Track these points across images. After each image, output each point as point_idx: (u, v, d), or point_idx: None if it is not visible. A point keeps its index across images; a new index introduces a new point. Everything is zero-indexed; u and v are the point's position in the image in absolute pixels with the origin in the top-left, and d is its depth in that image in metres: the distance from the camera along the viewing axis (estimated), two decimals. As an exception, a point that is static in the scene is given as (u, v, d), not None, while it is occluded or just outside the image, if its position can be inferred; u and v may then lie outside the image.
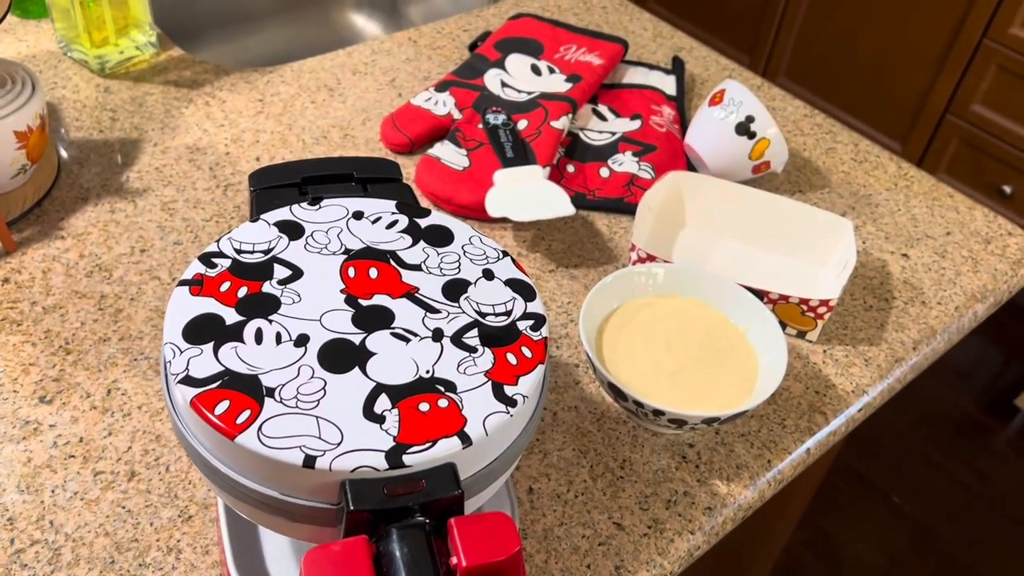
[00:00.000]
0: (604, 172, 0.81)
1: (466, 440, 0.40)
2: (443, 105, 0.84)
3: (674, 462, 0.61)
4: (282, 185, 0.53)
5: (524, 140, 0.80)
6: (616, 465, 0.60)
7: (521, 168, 0.76)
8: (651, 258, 0.69)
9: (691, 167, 0.84)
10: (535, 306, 0.47)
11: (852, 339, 0.71)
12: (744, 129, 0.78)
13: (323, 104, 0.87)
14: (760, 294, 0.67)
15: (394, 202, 0.51)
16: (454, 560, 0.37)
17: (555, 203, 0.72)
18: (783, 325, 0.70)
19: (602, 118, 0.87)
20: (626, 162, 0.82)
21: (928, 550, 1.69)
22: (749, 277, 0.73)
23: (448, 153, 0.79)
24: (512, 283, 0.48)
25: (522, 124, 0.82)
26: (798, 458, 0.63)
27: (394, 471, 0.38)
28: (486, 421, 0.40)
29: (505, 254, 0.49)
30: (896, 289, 0.76)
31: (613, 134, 0.85)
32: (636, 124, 0.86)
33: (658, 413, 0.56)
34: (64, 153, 0.78)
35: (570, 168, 0.82)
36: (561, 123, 0.82)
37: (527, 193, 0.74)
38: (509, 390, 0.42)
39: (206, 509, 0.55)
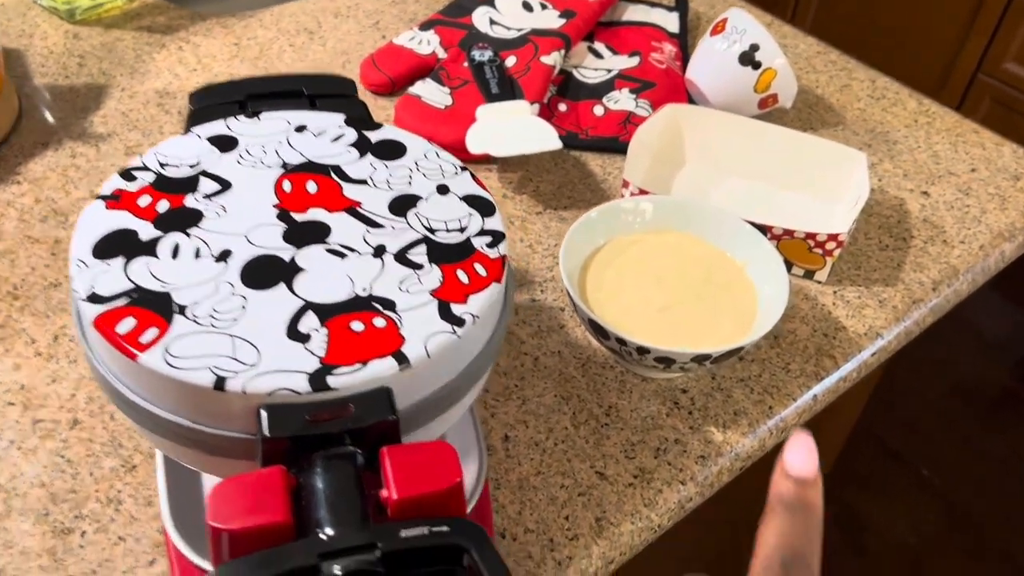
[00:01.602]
0: (598, 110, 0.76)
1: (403, 361, 0.35)
2: (427, 44, 0.79)
3: (665, 408, 0.55)
4: (225, 103, 0.48)
5: (511, 76, 0.75)
6: (601, 412, 0.55)
7: (506, 103, 0.71)
8: (644, 194, 0.63)
9: (693, 104, 0.78)
10: (493, 222, 0.42)
11: (865, 280, 0.65)
12: (748, 59, 0.73)
13: (302, 48, 0.83)
14: (763, 230, 0.61)
15: (343, 115, 0.46)
16: (384, 492, 0.33)
17: (541, 137, 0.67)
18: (789, 265, 0.64)
19: (598, 56, 0.82)
20: (622, 99, 0.76)
21: (961, 527, 1.61)
22: (754, 216, 0.68)
23: (430, 91, 0.74)
24: (469, 199, 0.43)
25: (510, 61, 0.77)
26: (803, 405, 0.57)
27: (318, 394, 0.34)
28: (428, 341, 0.36)
29: (464, 169, 0.44)
30: (915, 228, 0.70)
31: (609, 71, 0.79)
32: (634, 61, 0.80)
33: (643, 351, 0.51)
34: (26, 100, 0.74)
35: (562, 107, 0.76)
36: (552, 59, 0.76)
37: (511, 128, 0.69)
38: (457, 309, 0.37)
39: (151, 459, 0.51)
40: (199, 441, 0.35)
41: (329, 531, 0.31)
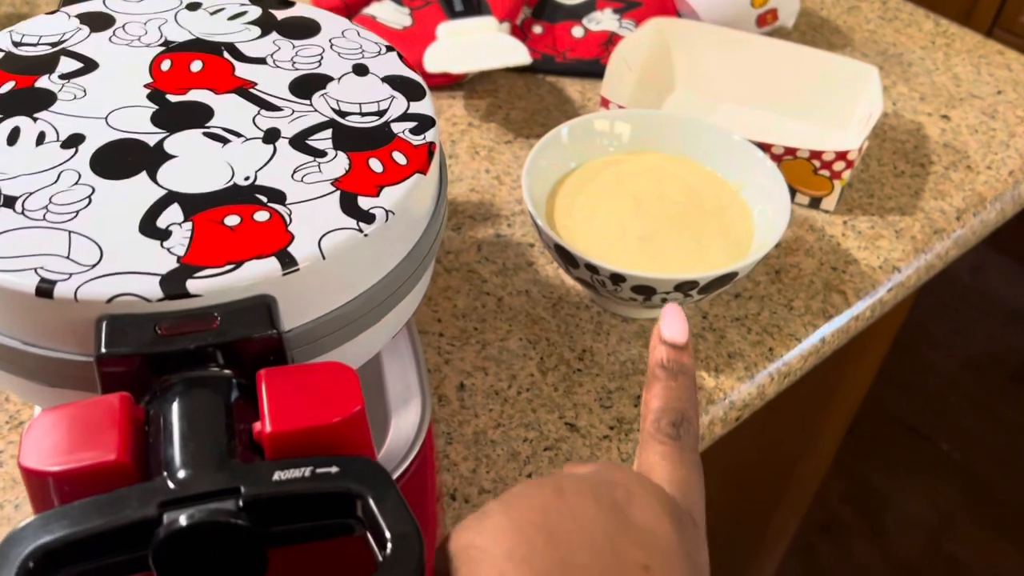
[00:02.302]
0: (577, 31, 0.68)
1: (289, 262, 0.27)
2: (387, -35, 0.71)
3: (647, 352, 0.47)
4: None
5: (478, -6, 0.67)
6: (573, 357, 0.47)
7: (471, 20, 0.63)
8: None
9: (684, 27, 0.70)
10: (421, 106, 0.34)
11: (879, 208, 0.57)
12: (744, -32, 0.64)
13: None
14: (762, 149, 0.53)
15: (247, -7, 0.38)
16: (258, 426, 0.25)
17: (506, 51, 0.59)
18: (792, 191, 0.56)
19: (578, -23, 0.73)
20: (604, 20, 0.68)
21: (982, 502, 1.53)
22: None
23: (386, 12, 0.66)
24: (393, 80, 0.35)
25: (479, -20, 0.69)
26: (809, 347, 0.49)
27: (173, 302, 0.26)
28: (324, 239, 0.28)
29: (391, 49, 0.36)
30: (934, 153, 0.62)
31: (590, -8, 0.71)
32: (618, -19, 0.72)
33: (618, 279, 0.43)
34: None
35: (536, 29, 0.68)
36: (525, -23, 0.68)
37: (475, 45, 0.61)
38: (366, 202, 0.29)
39: (40, 413, 0.43)
40: (30, 367, 0.28)
41: (180, 474, 0.24)
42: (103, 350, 0.25)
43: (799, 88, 0.62)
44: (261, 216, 0.28)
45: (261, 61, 0.34)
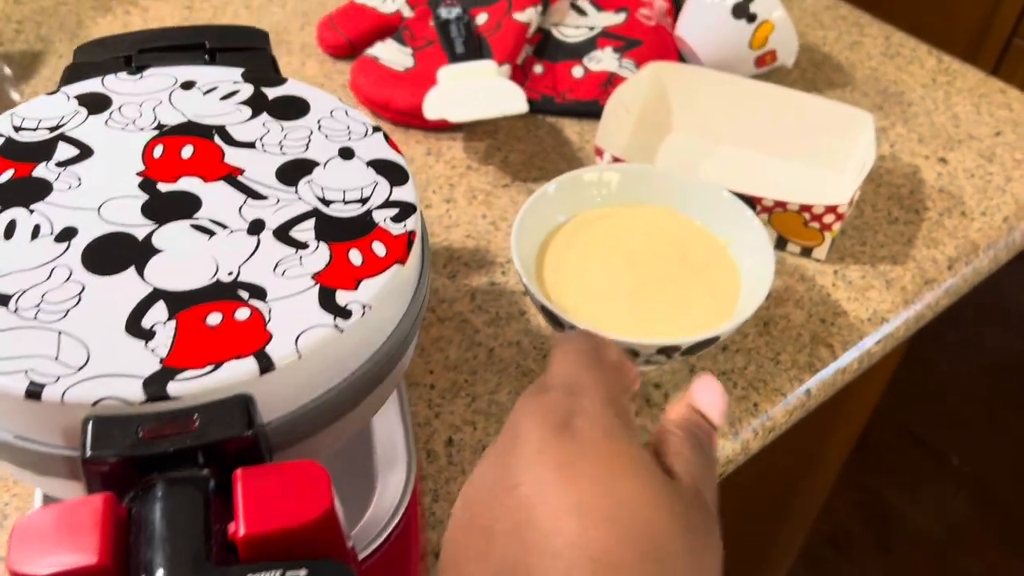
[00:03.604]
0: (577, 71, 0.69)
1: (266, 363, 0.28)
2: (391, 2, 0.72)
3: (634, 406, 0.49)
4: (112, 59, 0.42)
5: (480, 35, 0.68)
6: (561, 410, 0.48)
7: (471, 64, 0.64)
8: (618, 162, 0.56)
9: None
10: (404, 192, 0.35)
11: (871, 257, 0.57)
12: (743, 11, 0.65)
13: (258, 8, 0.76)
14: (751, 201, 0.54)
15: (241, 70, 0.40)
16: (232, 527, 0.26)
17: (505, 99, 0.60)
18: (783, 241, 0.57)
19: (581, 12, 0.74)
20: (604, 59, 0.69)
21: (992, 517, 1.53)
22: (750, 188, 0.60)
23: (389, 52, 0.67)
24: (377, 164, 0.36)
25: (481, 18, 0.69)
26: (795, 401, 0.50)
27: (155, 404, 0.27)
28: (301, 338, 0.29)
29: (377, 130, 0.38)
30: (929, 198, 0.62)
31: (592, 29, 0.72)
32: (620, 17, 0.73)
33: (602, 342, 0.44)
34: (-43, 68, 0.69)
35: (537, 68, 0.69)
36: (527, 15, 0.69)
37: (474, 91, 0.62)
38: (344, 297, 0.30)
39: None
40: (24, 460, 0.29)
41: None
42: (88, 453, 0.26)
43: (796, 132, 0.62)
44: (242, 314, 0.29)
45: (250, 145, 0.36)
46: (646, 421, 0.48)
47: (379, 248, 0.32)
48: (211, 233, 0.32)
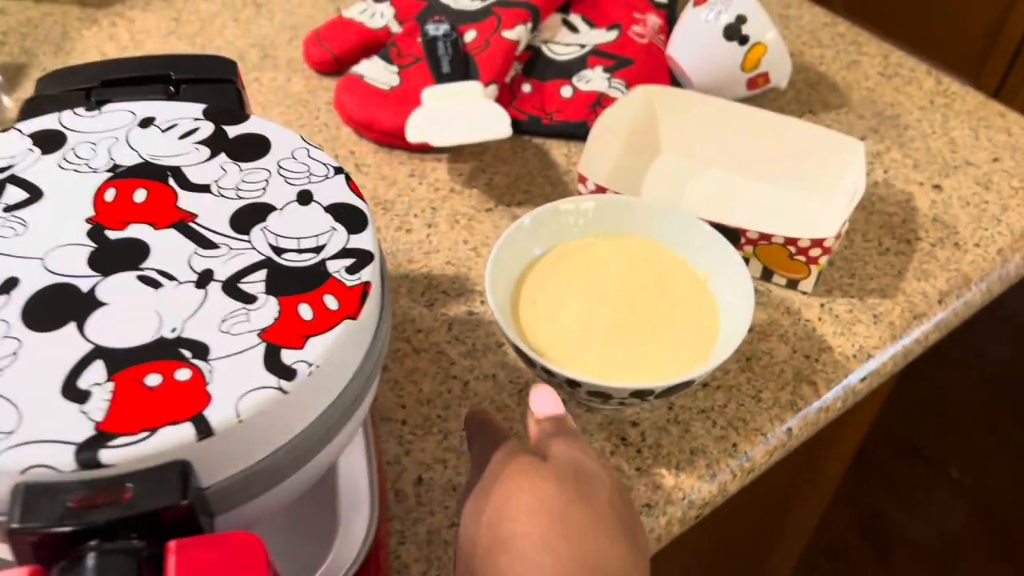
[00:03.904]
0: (566, 91, 0.67)
1: (204, 428, 0.27)
2: (380, 17, 0.71)
3: (610, 445, 0.47)
4: (74, 91, 0.41)
5: (467, 53, 0.66)
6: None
7: (456, 84, 0.63)
8: (602, 191, 0.55)
9: (676, 85, 0.69)
10: (362, 240, 0.34)
11: (860, 290, 0.56)
12: (734, 32, 0.63)
13: (246, 22, 0.75)
14: (736, 233, 0.53)
15: (202, 106, 0.39)
16: (162, 605, 0.25)
17: (489, 123, 0.59)
18: (769, 273, 0.55)
19: (573, 29, 0.73)
20: (594, 79, 0.68)
21: (990, 530, 1.51)
22: (738, 215, 0.59)
23: (375, 70, 0.66)
24: (336, 209, 0.35)
25: (470, 35, 0.68)
26: (776, 441, 0.49)
27: (86, 472, 0.26)
28: (242, 401, 0.28)
29: (339, 171, 0.37)
30: (922, 228, 0.61)
31: (583, 47, 0.71)
32: (612, 35, 0.72)
33: (573, 384, 0.43)
34: (-61, 80, 0.68)
35: (526, 88, 0.68)
36: (516, 33, 0.68)
37: (458, 114, 0.61)
38: (290, 356, 0.29)
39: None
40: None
41: (84, 657, 0.24)
42: (14, 525, 0.26)
43: (786, 158, 0.61)
44: (182, 375, 0.28)
45: (205, 189, 0.35)
46: (621, 461, 0.47)
47: (331, 301, 0.31)
48: (158, 285, 0.31)
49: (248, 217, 0.34)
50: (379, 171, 0.62)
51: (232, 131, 0.37)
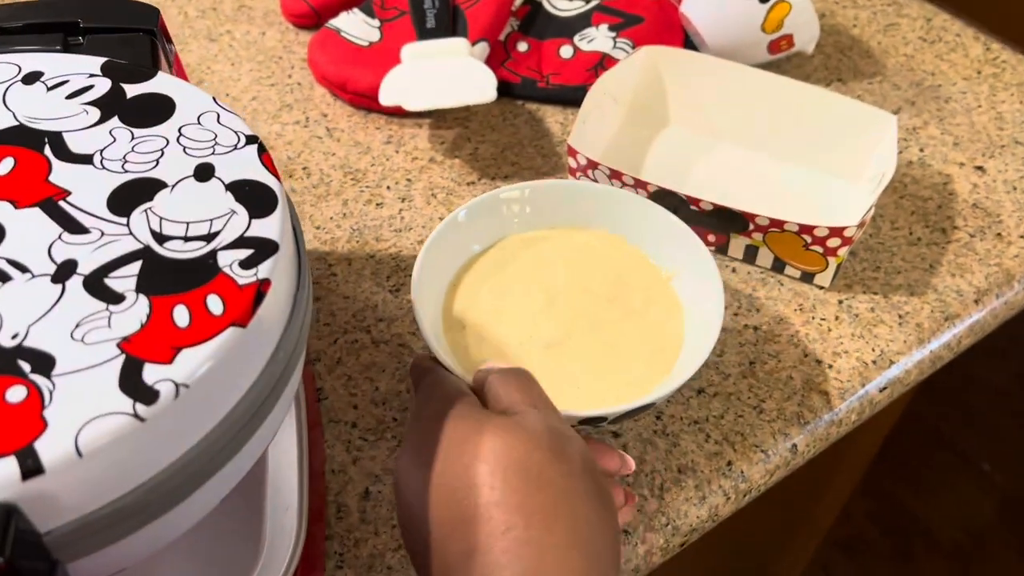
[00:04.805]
0: (566, 51, 0.61)
1: (32, 464, 0.22)
2: (365, -35, 0.65)
3: (585, 460, 0.41)
4: (-34, 38, 0.35)
5: (456, 7, 0.60)
6: (499, 461, 0.41)
7: (439, 41, 0.56)
8: (593, 165, 0.48)
9: (690, 46, 0.62)
10: (267, 226, 0.28)
11: (884, 286, 0.49)
12: (755, -12, 0.56)
13: (222, -32, 0.69)
14: (744, 219, 0.46)
15: (102, 60, 0.33)
16: None
17: (470, 86, 0.53)
18: (781, 264, 0.49)
19: (578, -17, 0.66)
20: (598, 38, 0.61)
21: (1019, 528, 1.44)
22: (750, 196, 0.52)
23: (353, 25, 0.60)
24: (239, 187, 0.29)
25: (461, -12, 0.62)
26: (777, 459, 0.43)
27: None
28: (84, 431, 0.22)
29: (252, 141, 0.31)
30: (960, 215, 0.53)
31: (587, 2, 0.63)
32: (621, -10, 0.64)
33: (524, 402, 0.37)
34: None
35: (522, 46, 0.61)
36: (512, -14, 0.61)
37: (438, 74, 0.54)
38: (152, 373, 0.24)
39: None
40: None
41: None
42: None
43: (807, 131, 0.54)
44: (16, 394, 0.23)
45: (86, 160, 0.29)
46: (597, 479, 0.41)
47: (215, 304, 0.25)
48: (6, 278, 0.25)
49: (130, 195, 0.28)
50: (352, 136, 0.56)
51: (132, 90, 0.32)
